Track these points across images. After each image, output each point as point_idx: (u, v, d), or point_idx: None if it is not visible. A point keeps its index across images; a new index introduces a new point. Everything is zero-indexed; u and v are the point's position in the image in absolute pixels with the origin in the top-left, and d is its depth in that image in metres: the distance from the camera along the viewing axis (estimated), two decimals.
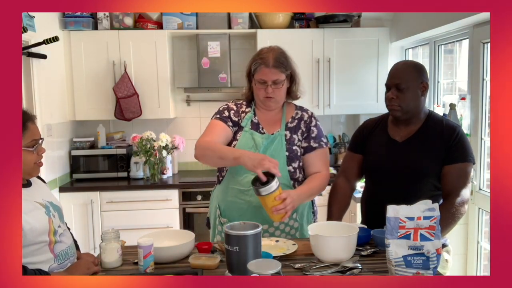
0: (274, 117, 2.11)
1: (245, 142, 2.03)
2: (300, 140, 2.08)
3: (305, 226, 2.09)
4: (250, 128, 2.07)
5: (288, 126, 2.09)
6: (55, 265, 1.56)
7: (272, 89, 2.00)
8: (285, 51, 2.07)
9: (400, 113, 1.93)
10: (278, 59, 1.99)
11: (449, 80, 3.43)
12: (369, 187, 2.11)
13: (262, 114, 2.11)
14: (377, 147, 2.04)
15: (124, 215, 3.52)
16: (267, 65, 1.98)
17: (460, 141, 1.89)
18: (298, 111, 2.15)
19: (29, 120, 1.52)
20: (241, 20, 3.74)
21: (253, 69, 2.03)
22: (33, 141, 1.52)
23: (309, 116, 2.14)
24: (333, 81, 3.77)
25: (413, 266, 1.44)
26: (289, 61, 2.04)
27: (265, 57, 1.99)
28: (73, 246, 1.68)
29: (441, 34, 3.20)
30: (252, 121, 2.09)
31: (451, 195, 1.86)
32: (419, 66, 1.95)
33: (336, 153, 4.05)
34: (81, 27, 3.59)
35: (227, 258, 1.52)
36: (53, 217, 1.59)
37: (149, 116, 3.73)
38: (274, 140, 2.04)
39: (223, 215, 2.09)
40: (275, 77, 1.99)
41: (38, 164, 1.58)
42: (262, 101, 2.06)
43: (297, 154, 2.06)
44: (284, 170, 2.01)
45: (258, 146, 2.02)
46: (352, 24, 3.78)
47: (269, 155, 1.96)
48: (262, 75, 1.99)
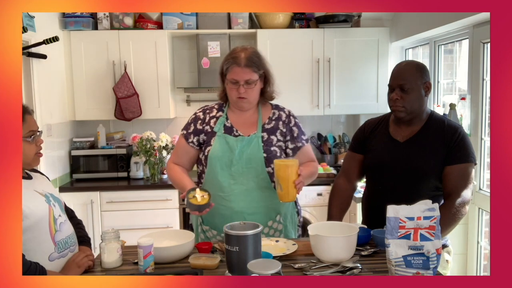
0: (249, 119, 2.06)
1: (219, 147, 1.99)
2: (279, 141, 2.05)
3: (289, 227, 2.10)
4: (224, 132, 2.02)
5: (264, 127, 2.04)
6: (55, 254, 1.59)
7: (244, 89, 1.95)
8: (259, 51, 2.03)
9: (404, 114, 1.93)
10: (251, 58, 1.95)
11: (449, 80, 3.42)
12: (370, 187, 2.11)
13: (236, 116, 2.06)
14: (378, 147, 2.04)
15: (124, 215, 3.52)
16: (239, 65, 1.93)
17: (462, 142, 1.88)
18: (275, 110, 2.10)
19: (26, 113, 1.58)
20: (241, 20, 3.74)
21: (225, 69, 1.98)
22: (31, 131, 1.58)
23: (287, 116, 2.10)
24: (333, 81, 3.77)
25: (413, 266, 1.44)
26: (262, 60, 2.00)
27: (237, 56, 1.95)
28: (73, 236, 1.71)
29: (441, 34, 3.20)
30: (225, 125, 2.03)
31: (452, 196, 1.86)
32: (421, 66, 1.95)
33: (336, 153, 4.05)
34: (81, 27, 3.59)
35: (227, 258, 1.52)
36: (53, 207, 1.63)
37: (149, 116, 3.73)
38: (251, 142, 1.99)
39: (205, 223, 2.07)
40: (247, 77, 1.94)
41: (38, 155, 1.64)
42: (235, 102, 2.01)
43: (276, 154, 2.02)
44: (263, 172, 1.98)
45: (232, 150, 1.98)
46: (352, 24, 3.78)
47: (245, 158, 1.96)
48: (234, 75, 1.94)
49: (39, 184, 1.66)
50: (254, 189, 1.98)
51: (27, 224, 1.50)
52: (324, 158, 4.05)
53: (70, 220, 1.73)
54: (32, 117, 1.62)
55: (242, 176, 1.98)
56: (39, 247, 1.54)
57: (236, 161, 1.97)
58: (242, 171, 1.97)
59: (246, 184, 1.98)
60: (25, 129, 1.55)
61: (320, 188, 3.56)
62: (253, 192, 1.98)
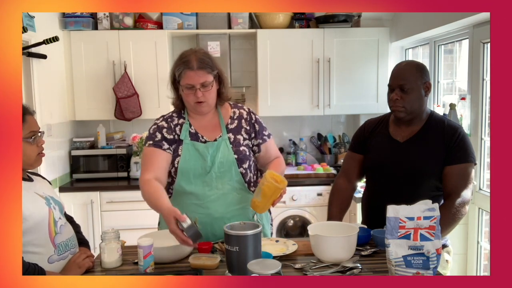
0: (211, 122, 1.99)
1: (189, 156, 1.91)
2: (246, 139, 2.00)
3: (266, 226, 2.08)
4: (190, 139, 1.94)
5: (228, 128, 1.98)
6: (55, 257, 1.58)
7: (201, 92, 1.86)
8: (207, 52, 1.95)
9: (404, 114, 1.92)
10: (202, 60, 1.86)
11: (449, 80, 3.42)
12: (370, 187, 2.11)
13: (197, 122, 1.98)
14: (378, 147, 2.04)
15: (124, 215, 3.51)
16: (191, 68, 1.83)
17: (462, 142, 1.88)
18: (234, 109, 2.04)
19: (27, 113, 1.57)
20: (241, 20, 3.73)
21: (178, 75, 1.88)
22: (31, 132, 1.57)
23: (248, 113, 2.04)
24: (333, 81, 3.77)
25: (413, 266, 1.44)
26: (213, 61, 1.91)
27: (188, 60, 1.85)
28: (74, 238, 1.71)
29: (441, 34, 3.20)
30: (190, 131, 1.96)
31: (452, 196, 1.86)
32: (421, 66, 1.94)
33: (336, 153, 4.05)
34: (81, 27, 3.59)
35: (227, 258, 1.53)
36: (54, 209, 1.63)
37: (149, 116, 3.72)
38: (219, 146, 1.93)
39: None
40: (203, 79, 1.85)
41: (40, 155, 1.63)
42: (193, 107, 1.92)
43: (246, 154, 1.97)
44: (236, 174, 1.94)
45: (204, 157, 1.91)
46: (352, 24, 3.78)
47: (218, 162, 1.91)
48: (188, 80, 1.84)
49: (40, 187, 1.66)
50: (230, 192, 1.94)
51: (27, 226, 1.49)
52: (324, 158, 4.05)
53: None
54: (34, 117, 1.61)
55: (216, 181, 1.92)
56: (39, 249, 1.54)
57: (209, 167, 1.91)
58: (215, 176, 1.92)
59: (222, 188, 1.93)
60: (26, 129, 1.55)
61: (320, 188, 3.56)
62: (229, 195, 1.94)
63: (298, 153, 4.00)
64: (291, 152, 4.05)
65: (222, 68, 1.95)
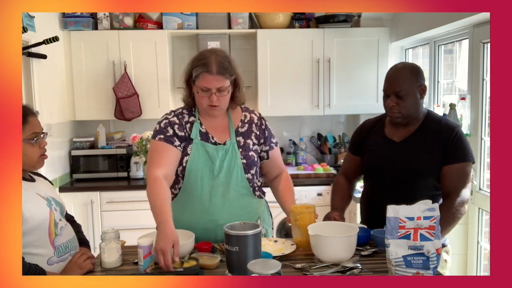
0: (221, 124, 1.94)
1: (198, 156, 1.87)
2: (255, 144, 1.96)
3: (268, 229, 2.09)
4: (201, 139, 1.89)
5: (239, 131, 1.94)
6: (54, 258, 1.57)
7: (216, 97, 1.82)
8: (228, 55, 1.89)
9: (401, 119, 1.93)
10: (222, 64, 1.80)
11: (449, 80, 3.42)
12: (368, 187, 2.11)
13: (207, 122, 1.94)
14: (375, 147, 2.04)
15: (124, 215, 3.51)
16: (210, 72, 1.78)
17: (459, 141, 1.88)
18: (245, 113, 2.00)
19: (29, 114, 1.56)
20: (241, 20, 3.73)
21: (195, 76, 1.83)
22: (33, 133, 1.55)
23: (258, 118, 2.01)
24: (333, 81, 3.77)
25: (413, 266, 1.44)
26: (233, 65, 1.86)
27: (207, 62, 1.79)
28: (74, 239, 1.70)
29: (441, 34, 3.20)
30: (200, 131, 1.91)
31: (451, 195, 1.86)
32: (416, 69, 1.93)
33: (336, 153, 4.05)
34: (81, 27, 3.59)
35: (227, 258, 1.53)
36: (55, 211, 1.62)
37: (149, 116, 3.72)
38: (228, 150, 1.89)
39: None
40: (220, 85, 1.80)
41: (43, 157, 1.61)
42: (205, 109, 1.88)
43: (254, 159, 1.94)
44: (243, 180, 1.91)
45: (213, 160, 1.87)
46: (352, 24, 3.78)
47: (225, 166, 1.87)
48: (205, 83, 1.80)
49: (42, 188, 1.65)
50: (235, 198, 1.91)
51: (27, 227, 1.49)
52: (324, 158, 4.05)
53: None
54: (36, 118, 1.59)
55: (222, 186, 1.89)
56: (38, 251, 1.53)
57: (217, 171, 1.88)
58: (222, 181, 1.88)
59: (227, 194, 1.89)
60: (28, 130, 1.53)
61: (320, 188, 3.56)
62: (234, 201, 1.91)
63: (298, 153, 4.00)
64: (291, 152, 4.05)
65: (239, 73, 1.90)
